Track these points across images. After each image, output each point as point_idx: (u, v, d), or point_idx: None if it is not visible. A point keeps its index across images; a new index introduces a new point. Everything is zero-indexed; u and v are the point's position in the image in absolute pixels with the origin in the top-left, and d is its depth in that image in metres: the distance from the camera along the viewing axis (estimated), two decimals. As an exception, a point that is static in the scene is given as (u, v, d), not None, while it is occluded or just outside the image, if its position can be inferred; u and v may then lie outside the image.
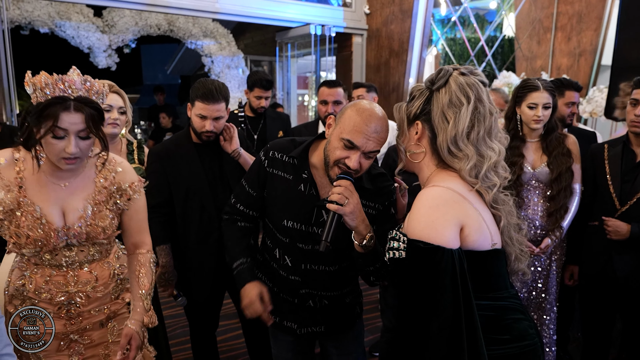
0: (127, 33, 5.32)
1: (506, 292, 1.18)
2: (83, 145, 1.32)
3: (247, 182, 1.63)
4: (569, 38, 5.41)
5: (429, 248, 1.04)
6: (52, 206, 1.41)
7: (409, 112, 1.23)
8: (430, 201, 1.09)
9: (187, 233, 2.11)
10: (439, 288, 1.03)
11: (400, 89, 5.08)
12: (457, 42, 6.71)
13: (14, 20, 4.55)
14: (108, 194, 1.48)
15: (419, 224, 1.07)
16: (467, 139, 1.14)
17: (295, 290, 1.61)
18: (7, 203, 1.36)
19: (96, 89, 1.34)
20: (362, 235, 1.37)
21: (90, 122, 1.30)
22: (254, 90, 3.07)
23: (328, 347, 1.75)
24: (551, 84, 2.20)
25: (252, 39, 7.58)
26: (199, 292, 2.16)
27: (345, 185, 1.33)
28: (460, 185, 1.14)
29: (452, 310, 1.02)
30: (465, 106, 1.13)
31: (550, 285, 2.29)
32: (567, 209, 2.20)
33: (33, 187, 1.40)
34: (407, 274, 1.10)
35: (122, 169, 1.53)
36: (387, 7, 5.17)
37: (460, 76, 1.17)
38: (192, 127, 2.09)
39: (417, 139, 1.21)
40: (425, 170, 1.23)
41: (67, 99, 1.27)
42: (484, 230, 1.13)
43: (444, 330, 1.01)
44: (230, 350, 2.95)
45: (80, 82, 1.30)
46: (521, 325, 1.15)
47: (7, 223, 1.37)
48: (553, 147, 2.21)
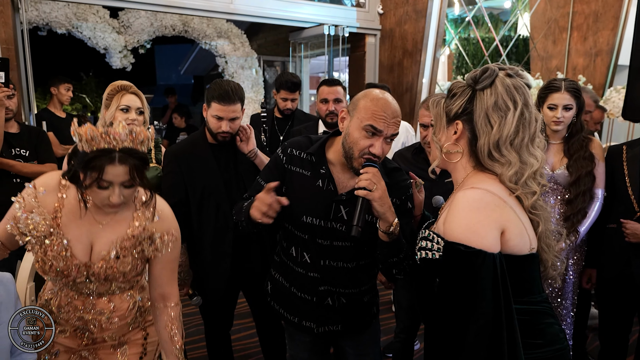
0: (142, 34, 5.37)
1: (539, 296, 1.16)
2: (127, 193, 1.37)
3: (263, 179, 1.65)
4: (585, 38, 5.34)
5: (470, 252, 1.02)
6: (81, 240, 1.44)
7: (448, 110, 1.19)
8: (471, 204, 1.07)
9: (202, 233, 2.13)
10: (478, 292, 1.01)
11: (413, 89, 5.06)
12: (471, 41, 6.66)
13: (32, 22, 4.63)
14: (137, 241, 1.48)
15: (459, 226, 1.05)
16: (511, 145, 1.11)
17: (314, 287, 1.61)
18: (40, 229, 1.40)
19: (141, 138, 1.36)
20: (389, 222, 1.38)
21: (135, 172, 1.33)
22: (280, 92, 3.09)
23: (345, 347, 1.76)
24: (575, 85, 2.15)
25: (266, 39, 7.61)
26: (213, 292, 2.18)
27: (373, 171, 1.36)
28: (500, 189, 1.11)
29: (492, 315, 1.00)
30: (512, 111, 1.10)
31: (566, 289, 2.25)
32: (585, 214, 2.16)
33: (70, 215, 1.44)
34: (444, 276, 1.08)
35: (161, 218, 1.51)
36: (401, 7, 5.16)
37: (507, 78, 1.13)
38: (207, 128, 2.11)
39: (456, 138, 1.18)
40: (461, 171, 1.20)
41: (112, 152, 1.29)
42: (524, 234, 1.11)
43: (483, 335, 0.99)
44: (244, 350, 2.97)
45: (125, 134, 1.32)
46: (553, 330, 1.14)
47: (37, 247, 1.42)
48: (575, 150, 2.16)
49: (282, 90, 3.08)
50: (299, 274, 1.63)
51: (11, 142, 2.56)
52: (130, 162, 1.31)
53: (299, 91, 3.13)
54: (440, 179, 2.05)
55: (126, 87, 2.12)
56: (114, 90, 2.11)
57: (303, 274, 1.62)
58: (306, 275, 1.61)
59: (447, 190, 1.88)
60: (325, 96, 2.80)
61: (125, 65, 5.42)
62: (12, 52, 3.45)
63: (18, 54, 3.60)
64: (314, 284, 1.61)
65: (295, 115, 3.20)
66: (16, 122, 2.63)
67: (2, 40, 3.37)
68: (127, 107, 2.08)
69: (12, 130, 2.60)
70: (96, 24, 5.07)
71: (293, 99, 3.11)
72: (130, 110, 2.09)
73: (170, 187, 2.10)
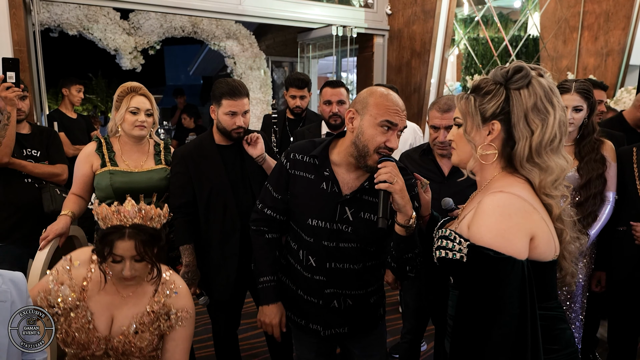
0: (152, 35, 5.42)
1: (555, 302, 1.15)
2: (138, 267, 1.46)
3: (271, 185, 1.66)
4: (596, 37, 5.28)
5: (499, 258, 1.00)
6: (103, 312, 1.52)
7: (483, 109, 1.13)
8: (502, 209, 1.04)
9: (210, 233, 2.15)
10: (504, 299, 0.99)
11: (422, 90, 5.04)
12: (480, 41, 6.62)
13: (43, 23, 4.68)
14: (156, 317, 1.54)
15: (490, 231, 1.03)
16: (551, 150, 1.09)
17: (320, 291, 1.62)
18: (68, 302, 1.49)
19: (151, 215, 1.47)
20: (408, 215, 1.39)
21: (142, 248, 1.42)
22: (289, 90, 3.11)
23: (351, 348, 1.76)
24: (586, 86, 2.12)
25: (274, 40, 7.62)
26: (221, 292, 2.19)
27: (392, 165, 1.39)
28: (529, 194, 1.09)
29: (517, 322, 0.98)
30: (553, 114, 1.08)
31: (576, 293, 2.23)
32: (595, 217, 2.13)
33: (96, 288, 1.54)
34: (467, 279, 1.07)
35: (179, 293, 1.59)
36: (409, 7, 5.14)
37: (541, 78, 1.10)
38: (218, 128, 2.13)
39: (491, 139, 1.14)
40: (489, 172, 1.17)
41: (123, 228, 1.41)
42: (551, 241, 1.09)
43: (507, 341, 0.98)
44: (251, 349, 2.99)
45: (134, 211, 1.44)
46: (566, 335, 1.14)
47: (62, 319, 1.50)
48: (586, 152, 2.13)
49: (290, 88, 3.09)
50: (305, 277, 1.64)
51: (22, 143, 2.59)
52: (139, 237, 1.42)
53: (307, 89, 3.13)
54: (449, 180, 2.05)
55: (136, 88, 2.14)
56: (124, 92, 2.13)
57: (309, 277, 1.62)
58: (312, 279, 1.62)
59: (457, 191, 1.89)
60: (329, 98, 2.80)
61: (135, 66, 5.46)
62: (24, 53, 3.50)
63: (30, 56, 3.64)
64: (320, 287, 1.62)
65: (307, 117, 3.20)
66: (27, 123, 2.66)
67: (15, 42, 3.41)
68: (137, 109, 2.10)
69: (24, 130, 2.64)
70: (107, 26, 5.11)
71: (302, 96, 3.11)
72: (139, 112, 2.11)
73: (178, 188, 2.12)
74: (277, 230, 1.73)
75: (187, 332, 1.59)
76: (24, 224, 2.55)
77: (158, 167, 2.19)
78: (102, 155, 2.13)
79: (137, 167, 2.16)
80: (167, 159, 2.26)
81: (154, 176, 2.16)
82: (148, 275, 1.56)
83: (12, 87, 2.21)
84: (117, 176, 2.09)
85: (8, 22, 3.36)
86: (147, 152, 2.22)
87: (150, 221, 1.47)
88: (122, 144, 2.18)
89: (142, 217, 1.45)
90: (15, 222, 2.53)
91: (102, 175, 2.10)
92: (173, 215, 2.16)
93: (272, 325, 1.66)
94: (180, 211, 2.11)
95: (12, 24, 3.38)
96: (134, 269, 1.45)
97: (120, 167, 2.12)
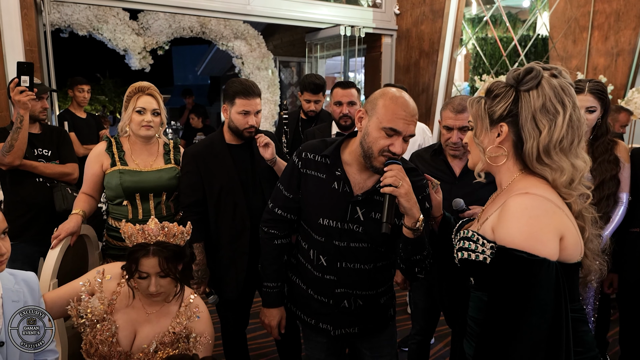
0: (161, 35, 5.44)
1: (578, 304, 1.14)
2: (163, 283, 1.52)
3: (282, 185, 1.66)
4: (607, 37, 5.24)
5: (534, 260, 0.99)
6: (127, 328, 1.57)
7: (492, 112, 1.14)
8: (530, 211, 1.03)
9: (219, 232, 2.16)
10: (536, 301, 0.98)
11: (430, 90, 5.03)
12: (489, 41, 6.59)
13: (54, 24, 4.72)
14: (176, 338, 1.58)
15: (521, 234, 1.01)
16: (561, 150, 1.07)
17: (331, 290, 1.62)
18: (96, 313, 1.54)
19: (174, 232, 1.53)
20: (415, 218, 1.38)
21: (166, 264, 1.48)
22: (304, 94, 3.11)
23: (361, 348, 1.76)
24: (600, 87, 2.09)
25: (282, 40, 7.64)
26: (230, 290, 2.20)
27: (397, 168, 1.37)
28: (553, 195, 1.08)
29: (550, 323, 0.97)
30: (562, 114, 1.07)
31: (587, 295, 2.21)
32: (608, 219, 2.11)
33: (123, 303, 1.59)
34: (496, 281, 1.05)
35: (201, 318, 1.63)
36: (418, 7, 5.13)
37: (553, 78, 1.09)
38: (229, 127, 2.13)
39: (500, 141, 1.14)
40: (507, 174, 1.16)
41: (147, 246, 1.48)
42: (577, 242, 1.08)
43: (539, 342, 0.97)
44: (260, 348, 2.99)
45: (158, 229, 1.50)
46: (589, 337, 1.13)
47: (88, 330, 1.54)
48: (599, 153, 2.10)
49: (305, 92, 3.10)
50: (315, 276, 1.64)
51: (34, 142, 2.61)
52: (162, 254, 1.48)
53: (322, 92, 3.13)
54: (460, 180, 2.03)
55: (143, 88, 2.14)
56: (132, 92, 2.14)
57: (319, 277, 1.62)
58: (322, 278, 1.62)
59: (468, 192, 1.88)
60: (339, 99, 2.80)
61: (144, 66, 5.49)
62: (36, 53, 3.53)
63: (41, 56, 3.68)
64: (331, 286, 1.61)
65: (320, 117, 3.20)
66: (38, 123, 2.69)
67: (26, 42, 3.45)
68: (143, 108, 2.11)
69: (35, 130, 2.66)
70: (116, 26, 5.15)
71: (317, 101, 3.12)
72: (145, 112, 2.11)
73: (188, 187, 2.13)
74: (288, 231, 1.74)
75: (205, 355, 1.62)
76: (35, 223, 2.57)
77: (167, 167, 2.20)
78: (112, 154, 2.14)
79: (146, 166, 2.17)
80: (177, 159, 2.26)
81: (164, 175, 2.17)
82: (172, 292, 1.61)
83: (26, 90, 2.21)
84: (127, 175, 2.10)
85: (19, 23, 3.39)
86: (156, 151, 2.23)
87: (174, 238, 1.53)
88: (131, 143, 2.19)
89: (165, 234, 1.51)
90: (27, 221, 2.56)
91: (112, 174, 2.11)
92: (183, 214, 2.17)
93: (270, 326, 1.75)
94: (191, 210, 2.12)
95: (24, 25, 3.42)
96: (159, 284, 1.51)
97: (129, 167, 2.13)
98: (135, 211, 2.12)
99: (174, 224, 1.55)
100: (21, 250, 2.56)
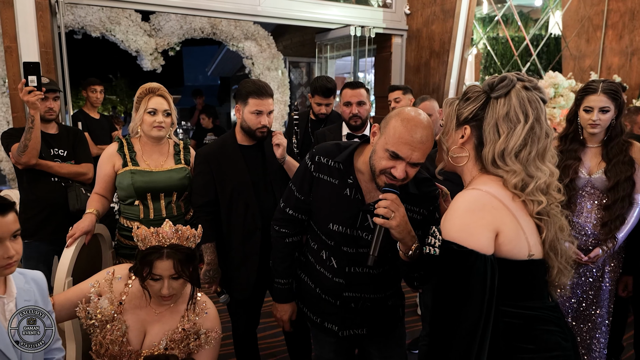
0: (172, 36, 5.49)
1: (539, 302, 1.15)
2: (175, 285, 1.53)
3: (294, 186, 1.67)
4: (621, 36, 5.17)
5: (462, 251, 1.04)
6: (137, 327, 1.58)
7: (459, 113, 1.20)
8: (467, 204, 1.08)
9: (231, 232, 2.17)
10: (469, 291, 1.03)
11: (440, 90, 5.00)
12: (500, 41, 6.54)
13: (68, 25, 4.78)
14: (185, 335, 1.60)
15: (454, 225, 1.07)
16: (516, 157, 1.11)
17: (339, 293, 1.62)
18: (105, 314, 1.55)
19: (187, 235, 1.54)
20: (408, 246, 1.38)
21: (180, 267, 1.49)
22: (315, 97, 3.11)
23: (370, 350, 1.76)
24: (614, 87, 2.08)
25: (292, 41, 7.65)
26: (241, 290, 2.21)
27: (392, 198, 1.34)
28: (502, 192, 1.11)
29: (478, 315, 1.03)
30: (522, 124, 1.11)
31: (602, 298, 2.18)
32: (623, 220, 2.08)
33: (132, 303, 1.60)
34: (439, 272, 1.11)
35: (209, 314, 1.65)
36: (428, 7, 5.11)
37: (524, 90, 1.13)
38: (242, 127, 2.14)
39: (462, 143, 1.19)
40: (467, 174, 1.21)
41: (161, 248, 1.49)
42: (520, 239, 1.10)
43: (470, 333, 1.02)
44: (270, 348, 3.00)
45: (172, 232, 1.51)
46: (551, 337, 1.12)
47: (98, 331, 1.56)
48: (614, 154, 2.09)
49: (316, 95, 3.09)
50: (324, 276, 1.64)
51: (50, 143, 2.65)
52: (176, 256, 1.49)
53: (333, 96, 3.13)
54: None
55: (154, 89, 2.16)
56: (143, 94, 2.16)
57: (329, 277, 1.63)
58: (332, 280, 1.62)
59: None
60: (349, 99, 2.80)
61: (156, 67, 5.54)
62: (50, 55, 3.58)
63: (55, 57, 3.73)
64: (339, 289, 1.62)
65: (330, 118, 3.20)
66: (55, 123, 2.73)
67: (41, 44, 3.50)
68: (154, 109, 2.12)
69: (52, 131, 2.70)
70: (128, 28, 5.20)
71: (327, 104, 3.12)
72: (157, 112, 2.13)
73: (200, 187, 2.15)
74: (299, 230, 1.74)
75: (213, 353, 1.64)
76: (50, 222, 2.62)
77: (178, 167, 2.22)
78: (123, 155, 2.16)
79: (157, 166, 2.19)
80: (187, 159, 2.28)
81: (174, 176, 2.19)
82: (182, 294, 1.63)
83: (34, 90, 2.22)
84: (138, 176, 2.12)
85: (35, 25, 3.44)
86: (167, 152, 2.25)
87: (186, 241, 1.55)
88: (142, 144, 2.21)
89: (179, 237, 1.52)
90: (42, 220, 2.60)
91: (123, 174, 2.13)
92: (195, 214, 2.18)
93: (282, 320, 1.81)
94: (203, 210, 2.14)
95: (39, 26, 3.47)
96: (171, 287, 1.53)
97: (141, 167, 2.15)
98: (146, 211, 2.15)
99: (187, 227, 1.56)
100: (36, 248, 2.60)
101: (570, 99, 4.85)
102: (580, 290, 2.20)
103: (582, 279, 2.18)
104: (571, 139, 2.16)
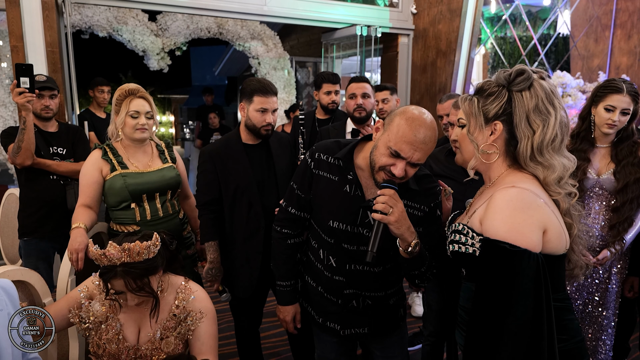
0: (179, 36, 5.52)
1: (563, 293, 1.18)
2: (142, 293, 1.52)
3: (296, 184, 1.66)
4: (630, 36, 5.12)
5: (515, 251, 1.02)
6: (131, 324, 1.60)
7: (486, 110, 1.18)
8: (515, 203, 1.07)
9: (234, 231, 2.17)
10: (519, 291, 1.02)
11: (447, 90, 4.97)
12: (508, 40, 6.49)
13: (75, 25, 4.82)
14: (177, 321, 1.60)
15: (504, 225, 1.05)
16: (553, 149, 1.13)
17: (340, 291, 1.62)
18: (98, 315, 1.57)
19: (137, 250, 1.50)
20: (408, 242, 1.37)
21: (135, 283, 1.49)
22: (323, 87, 3.11)
23: (372, 349, 1.75)
24: (636, 89, 2.03)
25: (298, 40, 7.65)
26: (244, 289, 2.21)
27: (390, 194, 1.33)
28: (539, 189, 1.12)
29: (532, 312, 1.01)
30: (554, 115, 1.12)
31: (608, 299, 2.15)
32: (632, 222, 2.05)
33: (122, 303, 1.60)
34: (482, 272, 1.09)
35: (196, 297, 1.65)
36: (435, 6, 5.08)
37: (542, 80, 1.14)
38: (246, 125, 2.15)
39: (493, 139, 1.18)
40: (496, 170, 1.21)
41: (114, 267, 1.48)
42: (562, 235, 1.12)
43: (523, 330, 1.00)
44: (273, 347, 3.00)
45: (119, 252, 1.48)
46: (574, 325, 1.17)
47: (93, 333, 1.57)
48: (623, 155, 2.05)
49: (324, 84, 3.09)
50: (325, 275, 1.64)
51: (49, 141, 2.67)
52: (129, 275, 1.47)
53: (339, 84, 3.15)
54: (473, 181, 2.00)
55: (133, 91, 2.11)
56: (122, 95, 2.10)
57: (329, 276, 1.62)
58: (332, 279, 1.62)
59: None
60: (354, 91, 2.80)
61: (163, 67, 5.57)
62: (57, 54, 3.60)
63: (62, 57, 3.76)
64: (340, 287, 1.61)
65: (336, 116, 3.20)
66: (55, 121, 2.74)
67: (48, 44, 3.52)
68: (137, 112, 2.07)
69: (51, 129, 2.71)
70: (135, 27, 5.23)
71: (336, 91, 3.13)
72: (139, 115, 2.08)
73: (204, 185, 2.15)
74: (301, 230, 1.74)
75: (210, 329, 1.62)
76: (50, 220, 2.63)
77: (167, 165, 2.21)
78: (109, 160, 2.10)
79: (145, 167, 2.15)
80: (172, 156, 2.28)
81: (166, 174, 2.18)
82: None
83: (25, 92, 2.20)
84: (131, 178, 2.08)
85: (41, 24, 3.46)
86: (150, 152, 2.22)
87: (138, 256, 1.50)
88: (125, 147, 2.16)
89: (128, 255, 1.48)
90: (41, 218, 2.62)
91: (114, 179, 2.08)
92: (199, 212, 2.19)
93: (285, 321, 1.79)
94: (206, 208, 2.14)
95: (45, 26, 3.49)
96: (134, 298, 1.52)
97: (130, 169, 2.11)
98: (143, 212, 2.12)
99: (135, 243, 1.50)
100: (36, 245, 2.62)
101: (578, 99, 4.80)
102: (587, 292, 2.17)
103: (589, 280, 2.15)
104: (582, 137, 2.14)
